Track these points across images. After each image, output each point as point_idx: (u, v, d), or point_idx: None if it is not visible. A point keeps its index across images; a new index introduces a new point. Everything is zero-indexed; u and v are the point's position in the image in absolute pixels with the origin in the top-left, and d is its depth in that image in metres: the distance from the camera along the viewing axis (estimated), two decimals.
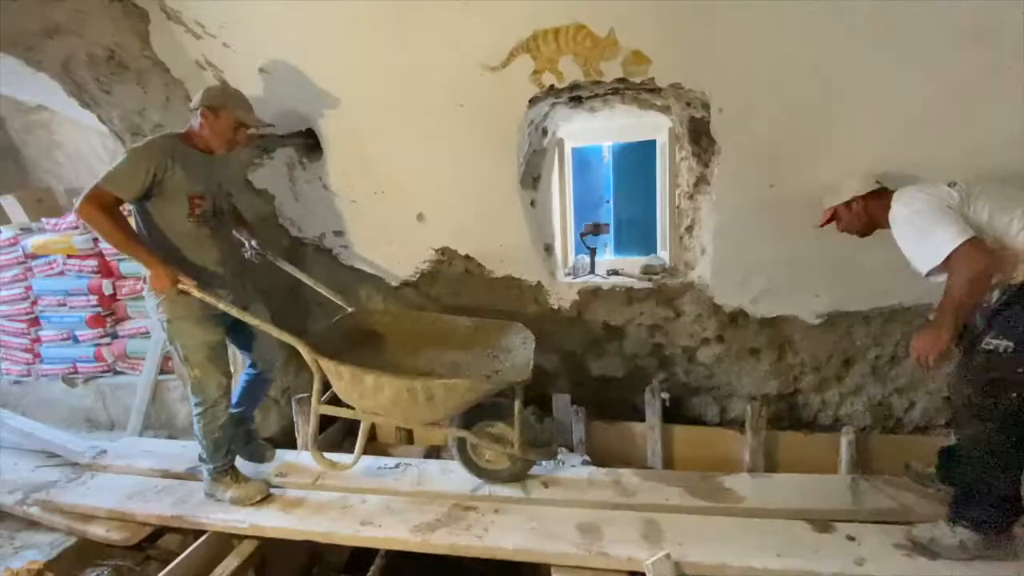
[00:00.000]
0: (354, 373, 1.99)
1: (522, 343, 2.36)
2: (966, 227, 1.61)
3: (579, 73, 2.17)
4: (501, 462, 2.23)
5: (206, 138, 2.03)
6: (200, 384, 2.08)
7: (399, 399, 2.01)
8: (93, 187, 1.85)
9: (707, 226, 2.51)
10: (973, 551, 1.68)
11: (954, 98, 1.93)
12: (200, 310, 2.02)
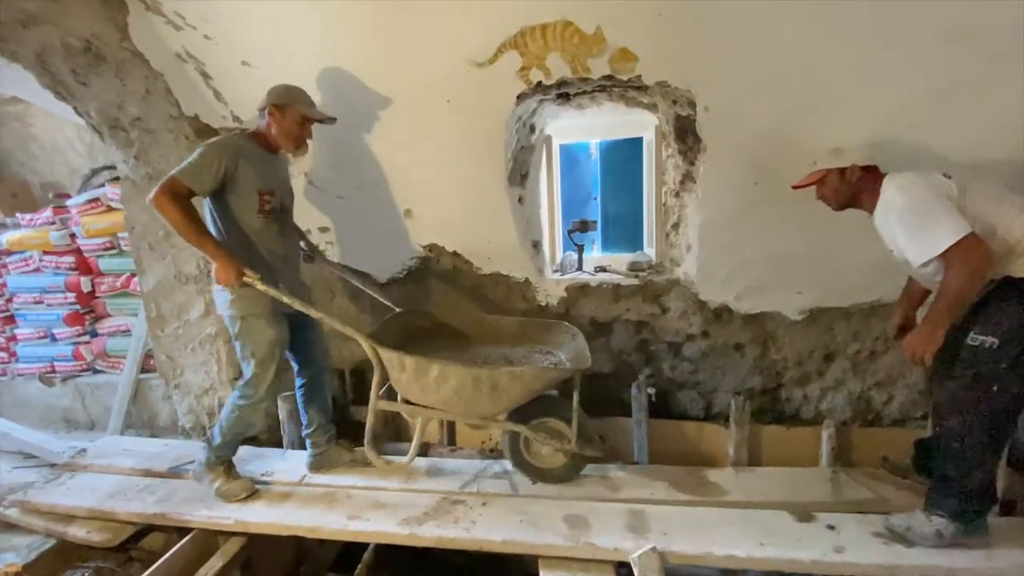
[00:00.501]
0: (419, 364, 1.97)
1: (571, 338, 2.36)
2: (964, 221, 1.59)
3: (566, 70, 2.18)
4: (556, 460, 2.21)
5: (275, 137, 2.07)
6: (256, 380, 2.10)
7: (463, 390, 2.00)
8: (168, 177, 1.90)
9: (693, 223, 2.54)
10: (948, 539, 1.73)
11: (937, 98, 1.97)
12: (272, 308, 2.06)
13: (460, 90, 2.26)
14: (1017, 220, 1.63)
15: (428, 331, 2.45)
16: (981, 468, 1.70)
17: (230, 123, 2.58)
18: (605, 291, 2.80)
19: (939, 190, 1.67)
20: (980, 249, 1.57)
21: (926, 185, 1.68)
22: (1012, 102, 1.94)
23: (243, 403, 2.14)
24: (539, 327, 2.49)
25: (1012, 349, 1.61)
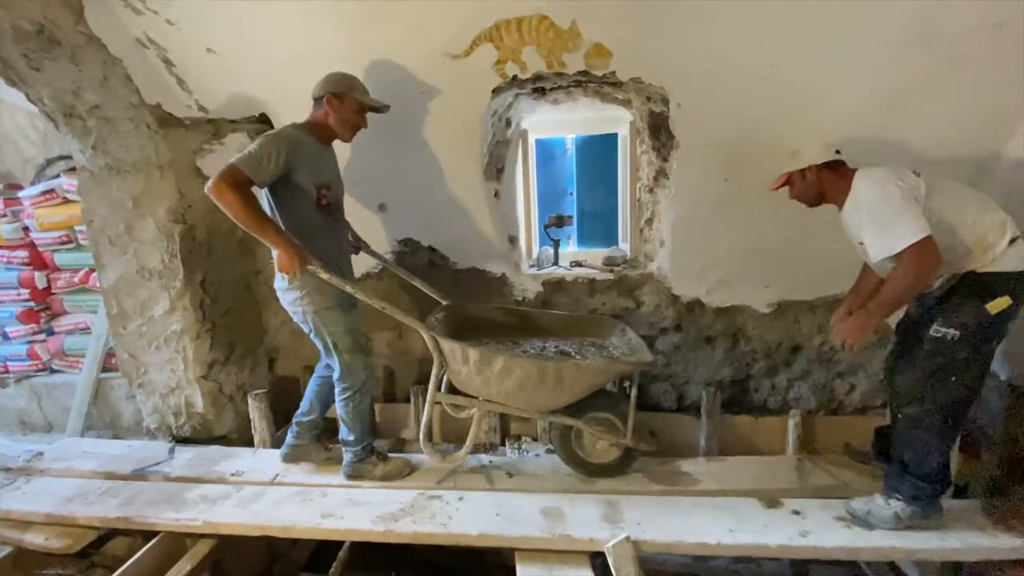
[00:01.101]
0: (483, 356, 1.94)
1: (620, 332, 2.35)
2: (926, 222, 1.64)
3: (542, 64, 2.18)
4: (608, 454, 2.19)
5: (332, 126, 2.02)
6: (350, 368, 2.11)
7: (526, 383, 1.97)
8: (227, 166, 1.81)
9: (666, 219, 2.58)
10: (905, 522, 1.81)
11: (895, 99, 2.05)
12: (340, 298, 2.04)
13: (435, 82, 2.23)
14: (980, 218, 1.70)
15: (474, 324, 2.41)
16: (937, 454, 1.78)
17: (195, 113, 2.50)
18: (581, 285, 2.82)
19: (907, 188, 1.71)
20: (932, 254, 1.63)
21: (895, 183, 1.72)
22: (967, 103, 2.03)
23: (349, 393, 2.13)
24: (584, 321, 2.51)
25: (971, 341, 1.69)
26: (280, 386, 3.04)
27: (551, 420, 2.15)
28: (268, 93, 2.44)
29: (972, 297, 1.68)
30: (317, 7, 2.06)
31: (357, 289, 1.96)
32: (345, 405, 2.15)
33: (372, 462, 2.23)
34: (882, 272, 1.90)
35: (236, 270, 2.85)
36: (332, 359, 2.11)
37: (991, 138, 2.13)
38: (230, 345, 2.78)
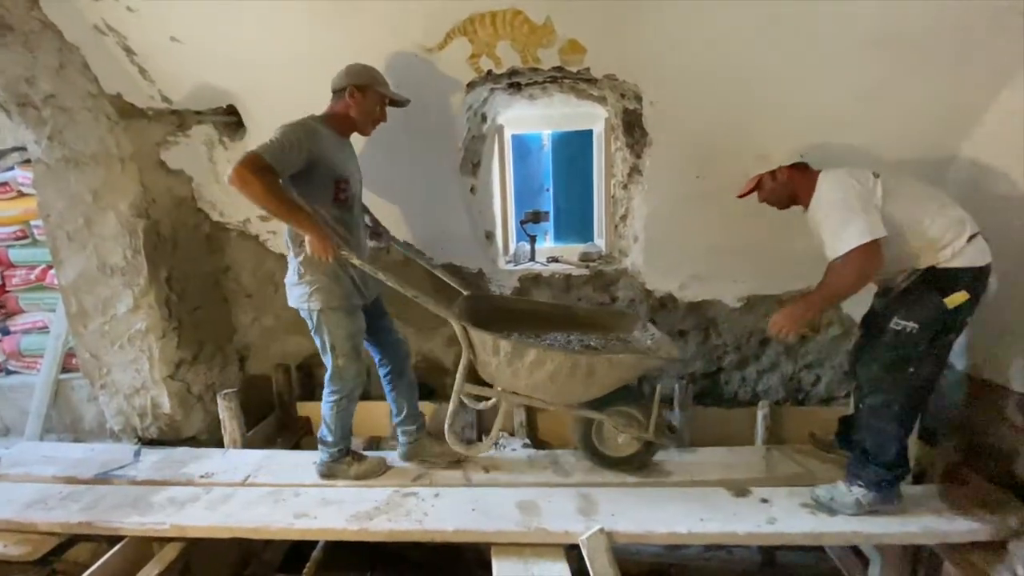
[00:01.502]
0: (516, 348, 1.91)
1: (642, 326, 2.37)
2: (876, 225, 1.70)
3: (517, 59, 2.17)
4: (628, 448, 2.19)
5: (353, 118, 1.97)
6: (341, 373, 2.06)
7: (557, 376, 1.95)
8: (248, 153, 1.74)
9: (639, 215, 2.62)
10: (867, 507, 1.88)
11: (861, 99, 2.11)
12: (350, 300, 2.01)
13: (408, 75, 2.20)
14: (939, 216, 1.77)
15: (495, 315, 2.37)
16: (896, 442, 1.86)
17: (158, 103, 2.41)
18: (557, 281, 2.83)
19: (864, 191, 1.77)
20: (873, 258, 1.70)
21: (852, 185, 1.79)
22: (927, 103, 2.10)
23: (336, 397, 2.10)
24: (605, 315, 2.52)
25: (929, 333, 1.76)
26: (252, 385, 2.98)
27: (576, 413, 2.15)
28: (236, 84, 2.37)
29: (932, 292, 1.75)
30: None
31: (389, 277, 1.91)
32: (330, 407, 2.12)
33: (347, 462, 2.20)
34: None
35: (204, 266, 2.78)
36: (325, 359, 2.07)
37: (949, 138, 2.22)
38: (198, 343, 2.71)
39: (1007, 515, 1.88)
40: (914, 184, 1.89)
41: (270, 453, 2.44)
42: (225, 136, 2.57)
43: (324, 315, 1.99)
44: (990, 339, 2.23)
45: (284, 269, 2.81)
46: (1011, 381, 2.15)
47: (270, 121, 2.41)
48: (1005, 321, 2.12)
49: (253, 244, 2.81)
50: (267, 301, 2.90)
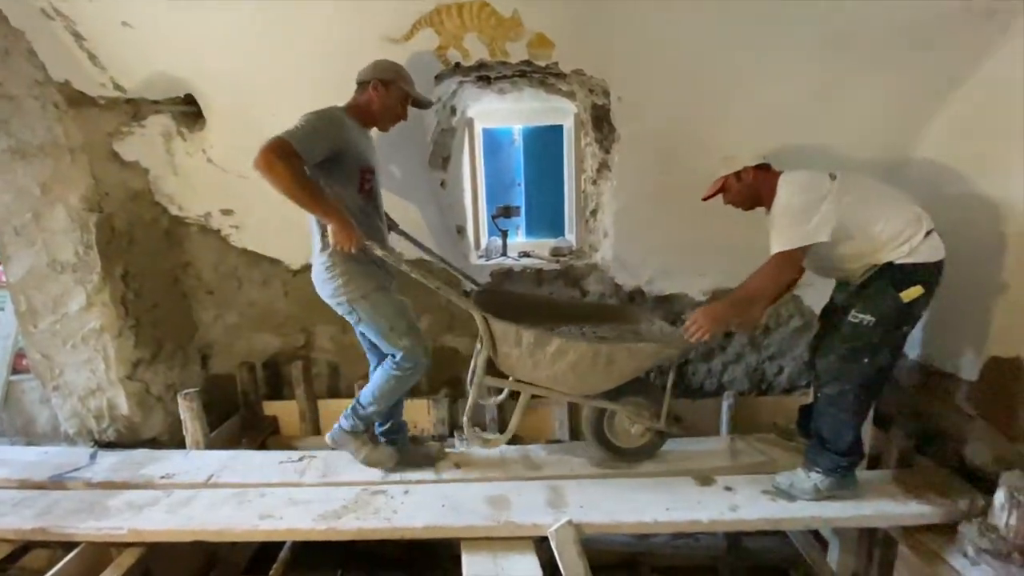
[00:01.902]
0: (538, 338, 1.92)
1: (648, 320, 2.39)
2: (812, 231, 1.75)
3: (485, 52, 2.15)
4: (637, 439, 2.22)
5: (375, 112, 1.94)
6: (411, 351, 1.98)
7: (578, 366, 1.95)
8: (273, 138, 1.68)
9: (609, 210, 2.64)
10: (824, 493, 1.95)
11: (820, 98, 2.16)
12: (383, 281, 1.95)
13: None
14: (895, 213, 1.82)
15: (507, 308, 2.32)
16: (851, 429, 1.92)
17: (110, 92, 2.31)
18: (529, 275, 2.84)
19: (818, 197, 1.80)
20: (793, 266, 1.79)
21: (805, 189, 1.83)
22: (884, 102, 2.17)
23: (401, 374, 2.01)
24: (612, 308, 2.56)
25: (885, 326, 1.83)
26: (215, 384, 2.90)
27: (593, 404, 2.15)
28: (194, 73, 2.29)
29: (888, 286, 1.81)
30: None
31: (413, 268, 1.89)
32: (386, 380, 2.02)
33: (363, 440, 2.14)
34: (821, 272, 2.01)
35: (162, 262, 2.68)
36: (390, 346, 1.98)
37: (904, 137, 2.30)
38: (157, 342, 2.62)
39: (957, 498, 1.97)
40: (871, 183, 1.94)
41: (234, 453, 2.38)
42: (183, 127, 2.48)
43: (367, 301, 1.92)
44: (942, 330, 2.33)
45: (247, 265, 2.79)
46: (960, 370, 2.25)
47: (231, 112, 2.36)
48: (956, 313, 2.22)
49: (215, 239, 2.73)
50: (230, 297, 2.83)
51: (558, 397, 2.13)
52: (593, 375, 2.01)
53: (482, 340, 2.01)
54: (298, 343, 2.93)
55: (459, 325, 2.85)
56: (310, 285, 2.80)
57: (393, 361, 2.01)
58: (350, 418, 2.12)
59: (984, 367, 2.13)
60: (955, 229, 1.96)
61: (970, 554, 1.81)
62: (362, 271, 1.90)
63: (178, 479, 2.18)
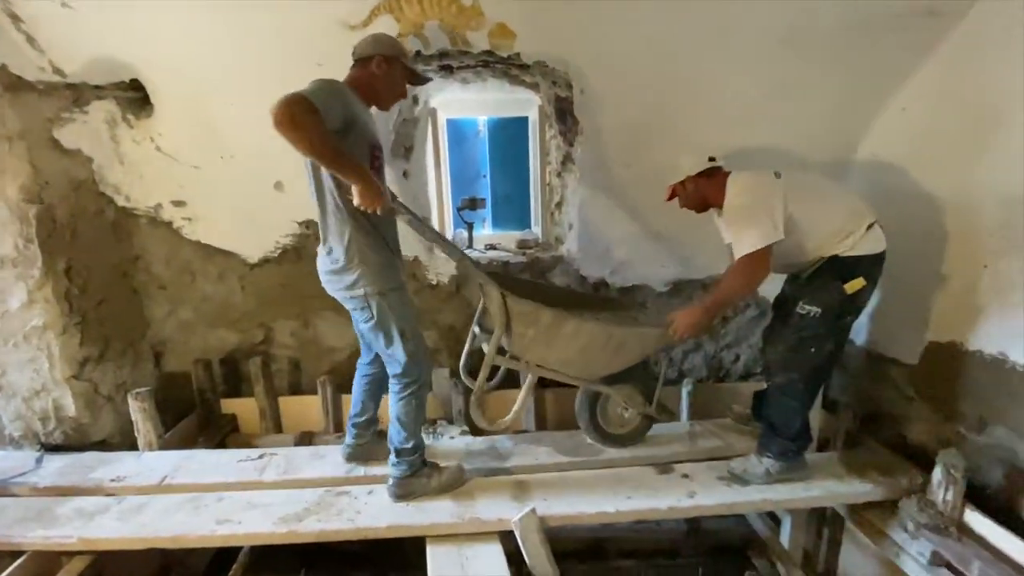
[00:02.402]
0: (555, 318, 1.92)
1: (640, 307, 2.46)
2: (771, 230, 1.80)
3: (445, 41, 2.12)
4: (627, 425, 2.28)
5: (379, 90, 1.81)
6: (415, 358, 1.87)
7: (590, 348, 1.98)
8: (292, 94, 1.48)
9: (573, 203, 2.65)
10: (776, 476, 2.03)
11: (773, 95, 2.22)
12: (401, 279, 1.87)
13: (332, 53, 2.08)
14: (838, 209, 1.90)
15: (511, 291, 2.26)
16: (799, 415, 2.01)
17: (50, 76, 2.18)
18: (495, 269, 2.83)
19: (767, 195, 1.86)
20: (763, 265, 1.84)
21: (755, 190, 1.90)
22: (835, 98, 2.24)
23: (413, 388, 1.89)
24: (604, 298, 2.61)
25: (831, 316, 1.90)
26: (169, 383, 2.80)
27: (593, 388, 2.18)
28: (139, 56, 2.18)
29: (833, 278, 1.88)
30: None
31: (438, 239, 1.87)
32: (406, 403, 1.89)
33: (426, 473, 1.98)
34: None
35: (109, 256, 2.56)
36: (394, 349, 1.85)
37: (853, 132, 2.39)
38: (105, 340, 2.50)
39: (899, 476, 2.09)
40: (815, 180, 2.02)
41: (190, 453, 2.31)
42: (129, 113, 2.36)
43: (385, 299, 1.79)
44: (885, 318, 2.45)
45: (201, 258, 2.69)
46: (902, 355, 2.37)
47: (181, 99, 2.26)
48: (898, 301, 2.34)
49: (165, 231, 2.61)
50: (184, 292, 2.72)
51: (564, 380, 2.14)
52: (601, 358, 2.05)
53: (481, 323, 2.05)
54: (257, 339, 2.85)
55: (424, 320, 2.83)
56: (268, 279, 2.76)
57: (396, 379, 1.90)
58: (400, 464, 1.96)
59: (923, 352, 2.26)
60: (897, 223, 2.05)
61: (910, 528, 1.92)
62: (383, 265, 1.79)
63: (130, 482, 2.10)
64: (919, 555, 1.87)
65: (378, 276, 1.78)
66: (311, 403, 2.77)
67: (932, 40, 2.06)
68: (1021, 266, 1.86)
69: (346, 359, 2.92)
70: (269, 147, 2.35)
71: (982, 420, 2.02)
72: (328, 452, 2.32)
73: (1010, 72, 1.84)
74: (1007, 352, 1.92)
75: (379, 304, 1.80)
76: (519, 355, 2.05)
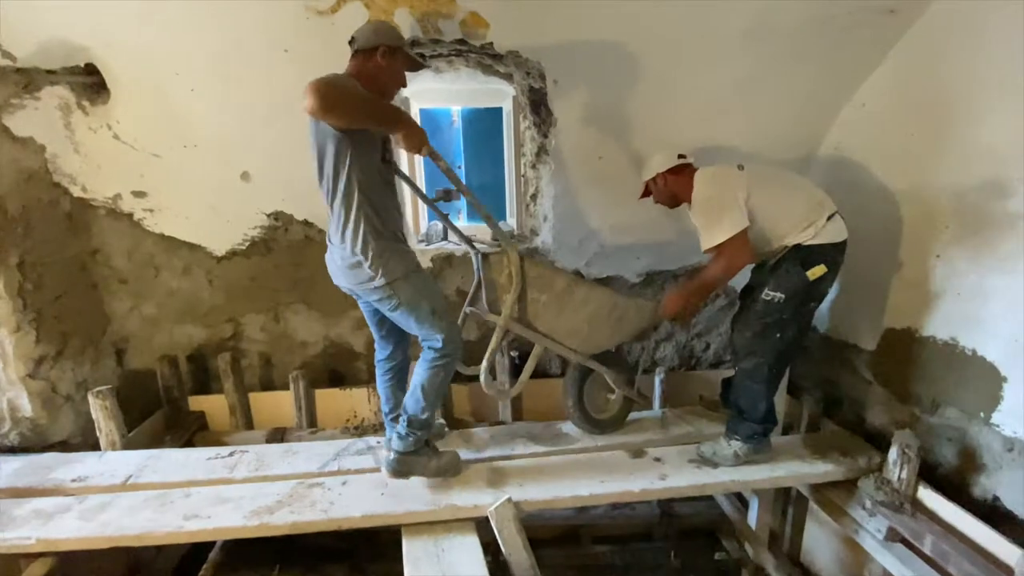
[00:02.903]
0: (569, 283, 2.03)
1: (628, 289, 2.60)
2: (742, 217, 1.89)
3: (417, 29, 2.09)
4: (611, 409, 2.36)
5: (384, 82, 1.76)
6: (451, 333, 1.87)
7: (596, 317, 2.09)
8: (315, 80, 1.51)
9: (547, 194, 2.66)
10: (743, 458, 2.10)
11: (740, 90, 2.26)
12: (416, 260, 1.86)
13: (299, 39, 2.05)
14: (800, 200, 1.97)
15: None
16: (765, 399, 2.08)
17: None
18: (470, 261, 2.82)
19: (731, 186, 1.95)
20: (743, 249, 1.93)
21: (720, 182, 1.98)
22: (799, 92, 2.31)
23: (446, 360, 1.87)
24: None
25: (794, 303, 1.97)
26: (133, 380, 2.71)
27: (591, 365, 2.23)
28: (94, 39, 2.08)
29: (796, 266, 1.95)
30: None
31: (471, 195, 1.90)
32: (434, 373, 1.86)
33: (427, 453, 1.96)
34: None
35: (66, 250, 2.45)
36: (429, 328, 1.83)
37: (816, 127, 2.46)
38: (63, 337, 2.40)
39: (858, 457, 2.18)
40: (775, 172, 2.10)
41: (155, 453, 2.24)
42: (84, 100, 2.25)
43: (408, 281, 1.77)
44: (846, 305, 2.55)
45: (165, 251, 2.60)
46: (861, 340, 2.47)
47: (140, 85, 2.17)
48: (858, 290, 2.43)
49: (126, 223, 2.51)
50: (147, 287, 2.63)
51: (565, 353, 2.18)
52: (605, 330, 2.16)
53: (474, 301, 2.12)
54: (225, 334, 2.78)
55: None
56: (237, 273, 2.69)
57: (435, 351, 1.86)
58: (406, 437, 1.90)
59: (881, 338, 2.36)
60: (857, 215, 2.13)
61: (868, 506, 2.01)
62: (399, 250, 1.78)
63: (92, 482, 2.03)
64: (876, 531, 1.97)
65: (397, 262, 1.77)
66: (283, 399, 2.71)
67: (891, 37, 2.13)
68: (969, 256, 1.96)
69: (319, 353, 2.88)
70: (234, 135, 2.32)
71: (935, 402, 2.13)
72: (301, 448, 2.28)
73: (962, 69, 1.93)
74: (958, 337, 2.02)
75: (404, 288, 1.78)
76: (531, 321, 2.05)
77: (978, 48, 1.87)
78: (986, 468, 1.93)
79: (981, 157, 1.89)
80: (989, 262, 1.89)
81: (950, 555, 1.73)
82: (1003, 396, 1.86)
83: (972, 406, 1.97)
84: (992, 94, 1.84)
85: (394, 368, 2.13)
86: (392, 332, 2.05)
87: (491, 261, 2.10)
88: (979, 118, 1.89)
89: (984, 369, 1.92)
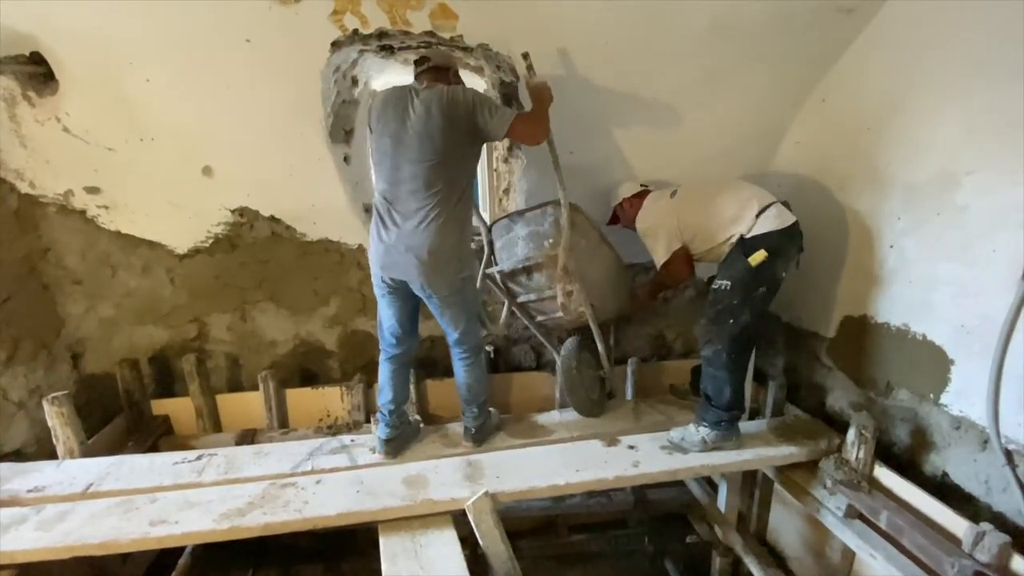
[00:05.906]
0: (600, 237, 2.35)
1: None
2: (675, 240, 2.24)
3: (385, 20, 2.05)
4: (592, 391, 2.50)
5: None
6: (476, 330, 2.15)
7: (607, 275, 2.38)
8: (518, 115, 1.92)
9: (520, 189, 2.66)
10: (711, 444, 2.17)
11: (703, 86, 2.30)
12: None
13: (261, 28, 1.98)
14: (729, 201, 2.16)
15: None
16: (729, 385, 2.15)
17: None
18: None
19: (661, 216, 2.28)
20: (681, 264, 2.27)
21: (653, 215, 2.32)
22: (761, 88, 2.37)
23: (479, 352, 2.18)
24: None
25: (740, 289, 2.08)
26: (91, 385, 2.60)
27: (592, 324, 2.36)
28: (39, 27, 1.96)
29: (739, 255, 2.09)
30: None
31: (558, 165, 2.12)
32: (477, 367, 2.18)
33: (490, 417, 2.31)
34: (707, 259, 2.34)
35: (13, 250, 2.32)
36: (472, 324, 2.11)
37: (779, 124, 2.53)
38: (13, 342, 2.27)
39: (819, 439, 2.28)
40: (704, 185, 2.32)
41: (118, 459, 2.15)
42: (30, 90, 2.12)
43: (473, 281, 2.06)
44: (806, 295, 2.64)
45: (122, 250, 2.50)
46: (820, 328, 2.58)
47: (90, 75, 2.06)
48: (817, 280, 2.53)
49: (78, 221, 2.39)
50: (104, 287, 2.52)
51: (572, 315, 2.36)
52: (609, 293, 2.41)
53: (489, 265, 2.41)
54: (189, 335, 2.69)
55: (371, 308, 2.77)
56: (200, 271, 2.61)
57: (466, 348, 2.14)
58: (479, 417, 2.24)
59: (839, 325, 2.47)
60: (816, 207, 2.22)
61: (828, 485, 2.11)
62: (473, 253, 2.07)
63: (50, 492, 1.94)
64: (836, 509, 2.07)
65: (474, 262, 2.09)
66: (252, 400, 2.65)
67: (849, 35, 2.21)
68: (920, 246, 2.06)
69: (289, 352, 2.82)
70: (195, 128, 2.24)
71: (889, 385, 2.24)
72: (273, 449, 2.24)
73: (913, 67, 2.02)
74: (909, 324, 2.13)
75: (470, 287, 2.05)
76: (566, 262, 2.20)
77: (927, 47, 1.96)
78: (936, 446, 2.05)
79: (930, 152, 1.99)
80: (938, 251, 1.99)
81: (904, 529, 1.83)
82: (951, 378, 1.97)
83: (923, 388, 2.09)
84: (939, 91, 1.94)
85: (407, 363, 2.26)
86: (414, 328, 2.21)
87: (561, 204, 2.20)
88: (928, 114, 1.98)
89: (933, 353, 2.03)
